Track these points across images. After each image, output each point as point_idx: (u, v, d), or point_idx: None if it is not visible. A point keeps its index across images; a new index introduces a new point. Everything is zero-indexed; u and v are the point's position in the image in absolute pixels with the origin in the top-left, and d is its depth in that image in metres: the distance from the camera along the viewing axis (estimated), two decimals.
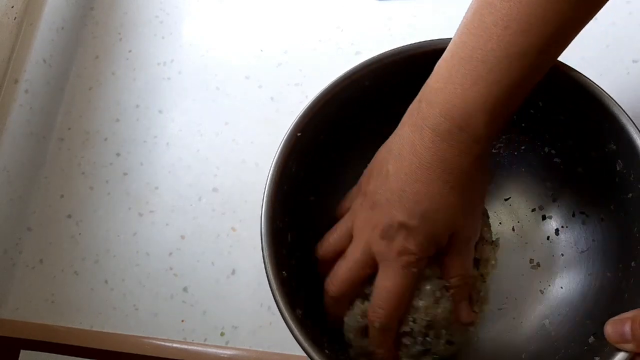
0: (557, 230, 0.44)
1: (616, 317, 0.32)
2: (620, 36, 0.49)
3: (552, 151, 0.43)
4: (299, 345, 0.36)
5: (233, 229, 0.51)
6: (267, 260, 0.38)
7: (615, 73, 0.39)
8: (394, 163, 0.36)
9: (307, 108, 0.41)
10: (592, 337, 0.36)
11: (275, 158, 0.41)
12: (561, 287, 0.42)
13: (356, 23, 0.55)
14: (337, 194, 0.44)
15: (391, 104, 0.43)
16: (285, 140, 0.41)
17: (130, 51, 0.59)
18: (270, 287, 0.37)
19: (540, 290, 0.42)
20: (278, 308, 0.37)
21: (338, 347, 0.39)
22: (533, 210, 0.45)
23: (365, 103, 0.43)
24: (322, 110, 0.42)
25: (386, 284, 0.36)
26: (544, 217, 0.44)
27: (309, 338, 0.36)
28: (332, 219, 0.42)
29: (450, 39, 0.35)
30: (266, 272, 0.38)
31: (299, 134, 0.41)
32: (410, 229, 0.34)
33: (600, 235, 0.41)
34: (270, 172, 0.40)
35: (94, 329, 0.50)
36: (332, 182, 0.45)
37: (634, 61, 0.49)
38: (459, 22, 0.34)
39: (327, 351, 0.36)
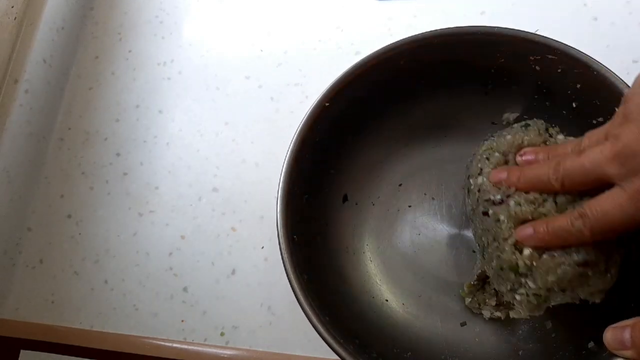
0: None
1: (616, 324, 0.32)
2: (620, 36, 0.49)
3: None
4: (301, 309, 0.36)
5: (233, 229, 0.51)
6: (279, 222, 0.38)
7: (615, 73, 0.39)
8: None
9: (339, 79, 0.41)
10: (591, 342, 0.36)
11: (301, 125, 0.40)
12: None
13: (356, 23, 0.55)
14: (356, 170, 0.45)
15: (423, 88, 0.43)
16: (312, 109, 0.40)
17: (130, 51, 0.59)
18: (280, 248, 0.38)
19: None
20: (285, 270, 0.37)
21: (339, 317, 0.39)
22: None
23: (396, 83, 0.43)
24: (353, 84, 0.41)
25: (605, 205, 0.31)
26: None
27: (310, 303, 0.36)
28: (349, 194, 0.43)
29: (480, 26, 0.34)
30: (277, 233, 0.38)
31: (326, 104, 0.41)
32: None
33: (612, 244, 0.40)
34: (294, 139, 0.40)
35: (94, 329, 0.50)
36: (353, 158, 0.45)
37: (634, 61, 0.49)
38: (458, 22, 0.34)
39: (327, 318, 0.36)
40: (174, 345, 0.48)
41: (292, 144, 0.40)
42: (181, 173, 0.54)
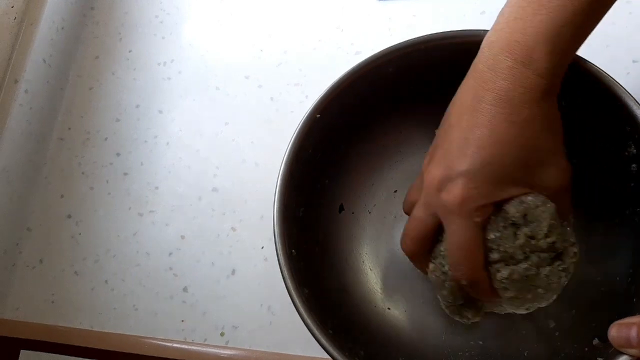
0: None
1: (621, 321, 0.32)
2: (620, 36, 0.49)
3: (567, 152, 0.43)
4: (303, 324, 0.36)
5: (233, 229, 0.51)
6: (277, 237, 0.38)
7: (615, 73, 0.39)
8: (455, 113, 0.34)
9: (329, 90, 0.41)
10: (596, 339, 0.36)
11: (293, 138, 0.40)
12: (569, 289, 0.41)
13: (356, 23, 0.55)
14: (351, 179, 0.45)
15: (413, 94, 0.43)
16: (304, 121, 0.40)
17: (130, 51, 0.59)
18: (279, 264, 0.38)
19: None
20: (285, 285, 0.37)
21: (343, 329, 0.39)
22: None
23: (387, 90, 0.43)
24: (343, 94, 0.41)
25: (454, 239, 0.34)
26: None
27: (313, 317, 0.36)
28: (345, 204, 0.43)
29: (474, 30, 0.35)
30: (276, 249, 0.38)
31: (318, 116, 0.41)
32: (470, 176, 0.32)
33: (613, 240, 0.40)
34: (287, 152, 0.40)
35: (94, 329, 0.50)
36: (347, 168, 0.45)
37: (634, 61, 0.49)
38: (458, 22, 0.34)
39: (330, 331, 0.36)
40: (174, 345, 0.48)
41: (285, 158, 0.40)
42: (181, 173, 0.54)
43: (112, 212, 0.53)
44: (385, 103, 0.44)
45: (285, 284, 0.37)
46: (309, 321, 0.36)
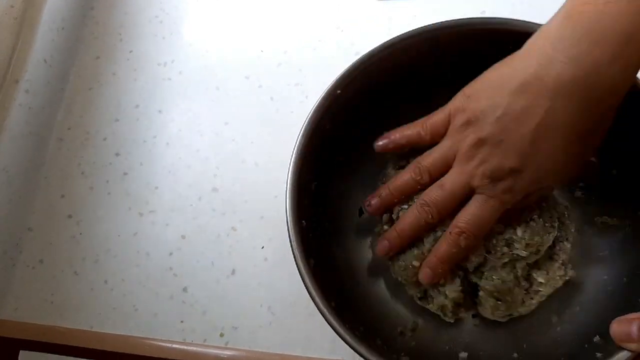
0: (578, 231, 0.43)
1: (623, 317, 0.33)
2: None
3: None
4: (308, 295, 0.36)
5: (233, 228, 0.51)
6: (288, 207, 0.38)
7: None
8: (514, 98, 0.33)
9: (351, 67, 0.41)
10: (597, 336, 0.36)
11: (311, 112, 0.40)
12: (575, 286, 0.42)
13: (356, 23, 0.55)
14: (365, 159, 0.45)
15: (435, 78, 0.43)
16: (324, 96, 0.41)
17: (130, 51, 0.59)
18: (288, 233, 0.38)
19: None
20: (293, 255, 0.37)
21: (345, 304, 0.39)
22: None
23: (409, 73, 0.43)
24: (364, 72, 0.41)
25: (478, 212, 0.36)
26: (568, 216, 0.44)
27: (317, 288, 0.36)
28: (358, 181, 0.44)
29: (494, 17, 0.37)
30: (286, 218, 0.38)
31: (338, 92, 0.41)
32: (519, 174, 0.35)
33: (623, 240, 0.41)
34: (304, 125, 0.40)
35: (94, 329, 0.50)
36: (363, 147, 0.45)
37: None
38: None
39: (333, 303, 0.36)
40: (174, 345, 0.48)
41: (303, 129, 0.40)
42: (181, 173, 0.53)
43: (112, 212, 0.53)
44: (406, 87, 0.44)
45: (293, 251, 0.37)
46: (312, 290, 0.36)
